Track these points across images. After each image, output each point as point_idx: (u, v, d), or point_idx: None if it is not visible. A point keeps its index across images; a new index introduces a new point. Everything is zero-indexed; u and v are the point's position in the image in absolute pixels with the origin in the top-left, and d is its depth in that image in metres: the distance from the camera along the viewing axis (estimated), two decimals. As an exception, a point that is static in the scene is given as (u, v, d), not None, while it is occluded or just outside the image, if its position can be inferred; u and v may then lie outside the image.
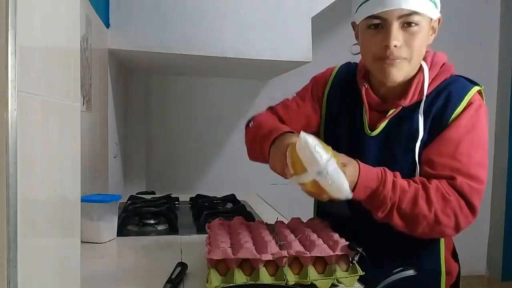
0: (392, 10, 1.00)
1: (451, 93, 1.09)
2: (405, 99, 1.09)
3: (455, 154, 1.03)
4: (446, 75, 1.13)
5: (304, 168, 0.93)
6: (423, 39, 1.04)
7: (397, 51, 1.02)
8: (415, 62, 1.07)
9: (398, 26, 1.01)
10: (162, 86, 3.21)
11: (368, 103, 1.15)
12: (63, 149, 0.70)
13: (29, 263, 0.56)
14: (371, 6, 1.02)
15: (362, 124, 1.15)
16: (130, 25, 1.99)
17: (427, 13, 1.02)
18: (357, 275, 0.95)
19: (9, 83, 0.50)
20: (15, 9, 0.50)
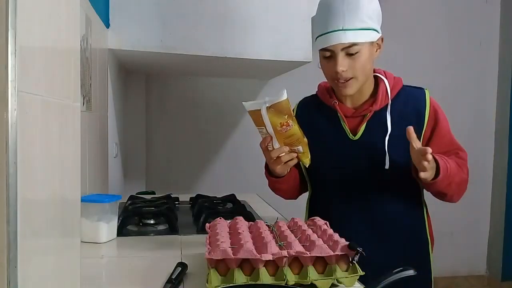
0: (336, 45, 1.27)
1: (415, 97, 1.38)
2: (376, 104, 1.36)
3: (452, 142, 1.39)
4: (400, 85, 1.41)
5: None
6: (365, 61, 1.30)
7: (345, 73, 1.29)
8: (361, 78, 1.32)
9: (343, 55, 1.28)
10: (162, 86, 3.21)
11: (344, 113, 1.39)
12: (63, 149, 0.70)
13: (29, 263, 0.56)
14: (322, 41, 1.29)
15: (344, 132, 1.39)
16: (130, 25, 1.99)
17: (364, 40, 1.27)
18: (357, 275, 0.95)
19: (9, 83, 0.50)
20: (15, 9, 0.51)
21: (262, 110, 1.19)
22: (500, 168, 3.48)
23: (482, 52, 3.52)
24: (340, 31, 1.26)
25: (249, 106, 1.22)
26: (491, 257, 3.60)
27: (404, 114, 1.35)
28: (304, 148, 1.25)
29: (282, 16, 2.19)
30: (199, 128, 3.26)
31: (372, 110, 1.35)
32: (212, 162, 3.31)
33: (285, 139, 1.22)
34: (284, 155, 1.25)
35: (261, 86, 3.28)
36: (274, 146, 1.24)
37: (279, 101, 1.17)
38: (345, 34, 1.25)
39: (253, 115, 1.23)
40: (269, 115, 1.19)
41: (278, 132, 1.21)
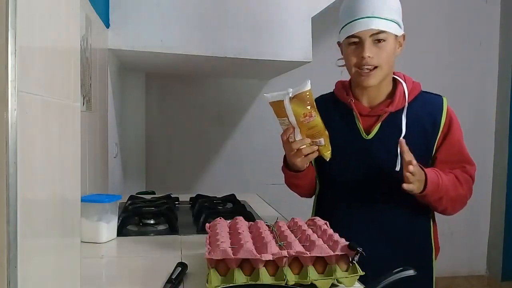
0: (365, 30, 1.30)
1: (432, 103, 1.40)
2: (392, 105, 1.37)
3: (461, 153, 1.40)
4: (418, 90, 1.43)
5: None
6: (390, 51, 1.33)
7: (370, 60, 1.31)
8: (385, 68, 1.34)
9: (370, 42, 1.31)
10: (161, 86, 3.21)
11: (359, 111, 1.40)
12: (63, 149, 0.70)
13: (29, 263, 0.56)
14: (350, 28, 1.32)
15: (357, 130, 1.39)
16: (130, 25, 1.99)
17: (391, 31, 1.31)
18: (357, 275, 0.95)
19: (9, 83, 0.50)
20: (15, 9, 0.51)
21: (285, 100, 1.18)
22: (500, 168, 3.48)
23: (482, 52, 3.52)
24: (371, 18, 1.29)
25: (271, 97, 1.22)
26: (491, 257, 3.60)
27: (420, 119, 1.37)
28: (325, 141, 1.25)
29: (282, 16, 2.19)
30: (199, 128, 3.26)
31: (388, 111, 1.37)
32: (212, 162, 3.31)
33: (307, 130, 1.22)
34: (305, 147, 1.25)
35: (261, 86, 3.28)
36: (295, 137, 1.24)
37: (303, 91, 1.18)
38: (374, 21, 1.29)
39: (274, 107, 1.22)
40: (292, 105, 1.19)
41: (301, 123, 1.21)
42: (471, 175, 1.40)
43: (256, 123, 3.23)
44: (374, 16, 1.30)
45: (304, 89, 1.18)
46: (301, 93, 1.18)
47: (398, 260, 1.29)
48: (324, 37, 3.17)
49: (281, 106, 1.20)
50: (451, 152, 1.38)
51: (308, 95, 1.18)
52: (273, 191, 2.73)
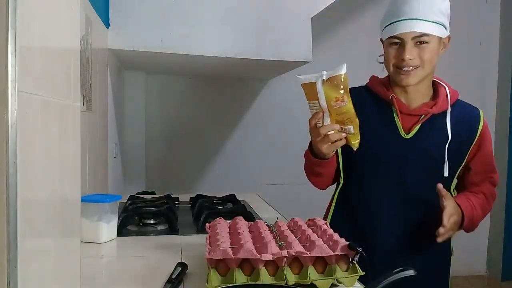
0: (407, 32, 1.28)
1: (471, 112, 1.41)
2: (436, 107, 1.36)
3: (491, 163, 1.46)
4: (457, 96, 1.43)
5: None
6: (432, 53, 1.31)
7: (411, 62, 1.30)
8: (427, 69, 1.32)
9: (412, 44, 1.29)
10: (162, 86, 3.21)
11: (399, 109, 1.37)
12: (63, 149, 0.70)
13: (29, 263, 0.56)
14: (393, 29, 1.31)
15: (396, 128, 1.37)
16: (130, 25, 1.99)
17: (435, 33, 1.30)
18: (357, 275, 0.95)
19: (9, 83, 0.50)
20: (15, 9, 0.50)
21: (318, 82, 1.14)
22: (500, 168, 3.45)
23: (482, 52, 3.52)
24: (415, 20, 1.27)
25: (304, 79, 1.18)
26: (491, 257, 3.60)
27: (457, 126, 1.36)
28: (355, 129, 1.19)
29: (282, 15, 2.19)
30: (199, 128, 3.26)
31: (431, 112, 1.35)
32: (212, 162, 3.31)
33: (337, 115, 1.17)
34: (334, 133, 1.19)
35: (261, 86, 3.28)
36: (324, 122, 1.19)
37: (338, 74, 1.13)
38: (418, 23, 1.27)
39: (306, 88, 1.18)
40: (324, 88, 1.14)
41: (332, 107, 1.16)
42: (496, 183, 1.48)
43: (256, 123, 3.23)
44: (418, 18, 1.28)
45: (339, 72, 1.13)
46: (336, 76, 1.13)
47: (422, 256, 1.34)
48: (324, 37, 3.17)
49: (313, 88, 1.15)
50: (484, 163, 1.42)
51: (343, 79, 1.14)
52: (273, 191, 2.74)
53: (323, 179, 1.44)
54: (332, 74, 1.14)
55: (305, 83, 1.18)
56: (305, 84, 1.18)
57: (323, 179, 1.44)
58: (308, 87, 1.17)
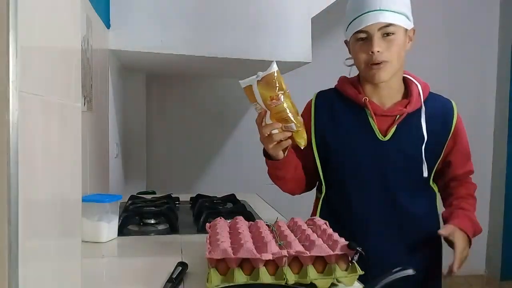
0: (373, 24, 1.26)
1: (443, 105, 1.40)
2: (410, 105, 1.34)
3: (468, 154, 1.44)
4: (428, 90, 1.40)
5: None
6: (400, 45, 1.29)
7: (380, 55, 1.27)
8: (395, 63, 1.30)
9: (379, 36, 1.27)
10: (162, 86, 3.21)
11: (374, 111, 1.34)
12: (64, 149, 0.70)
13: (30, 263, 0.56)
14: (357, 23, 1.28)
15: (372, 131, 1.35)
16: (131, 26, 1.99)
17: (401, 24, 1.28)
18: (356, 274, 0.95)
19: (10, 83, 0.50)
20: (16, 10, 0.51)
21: (253, 84, 1.14)
22: (499, 168, 3.48)
23: (482, 52, 3.52)
24: (377, 11, 1.26)
25: (243, 83, 1.17)
26: (490, 256, 3.60)
27: (433, 120, 1.35)
28: (298, 126, 1.17)
29: (282, 16, 2.19)
30: (199, 128, 3.27)
31: (406, 111, 1.33)
32: (212, 162, 3.31)
33: (276, 114, 1.15)
34: (277, 133, 1.18)
35: (261, 86, 3.28)
36: (266, 122, 1.19)
37: (269, 73, 1.13)
38: (382, 14, 1.26)
39: (246, 92, 1.18)
40: (259, 89, 1.14)
41: (269, 107, 1.15)
42: (473, 172, 1.47)
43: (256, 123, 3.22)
44: (382, 9, 1.26)
45: (271, 71, 1.13)
46: (268, 75, 1.13)
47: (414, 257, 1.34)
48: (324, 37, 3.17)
49: (251, 90, 1.16)
50: (463, 155, 1.41)
51: (276, 77, 1.13)
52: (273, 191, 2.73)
53: (287, 183, 1.39)
54: (264, 74, 1.14)
55: (245, 87, 1.17)
56: (245, 87, 1.17)
57: (287, 183, 1.40)
58: (247, 90, 1.17)
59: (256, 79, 1.15)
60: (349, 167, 1.36)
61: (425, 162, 1.33)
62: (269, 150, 1.23)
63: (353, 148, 1.35)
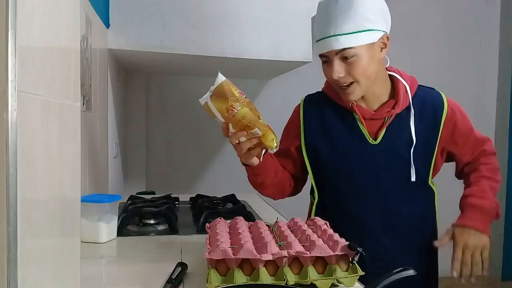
0: (329, 51, 1.23)
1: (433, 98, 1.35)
2: (398, 106, 1.30)
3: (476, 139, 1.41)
4: (416, 85, 1.36)
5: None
6: (364, 64, 1.23)
7: (343, 79, 1.25)
8: (364, 82, 1.26)
9: (338, 60, 1.23)
10: (162, 86, 3.21)
11: (362, 115, 1.32)
12: (63, 149, 0.70)
13: (29, 263, 0.56)
14: (318, 47, 1.27)
15: (362, 135, 1.32)
16: (130, 25, 1.99)
17: (360, 43, 1.21)
18: (357, 275, 0.95)
19: (9, 83, 0.50)
20: (15, 9, 0.50)
21: (208, 100, 1.12)
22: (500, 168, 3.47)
23: (482, 52, 3.52)
24: (332, 37, 1.21)
25: (202, 100, 1.14)
26: (491, 257, 3.59)
27: (423, 116, 1.32)
28: (263, 130, 1.14)
29: (282, 15, 2.19)
30: (199, 128, 3.26)
31: (394, 112, 1.30)
32: (212, 162, 3.31)
33: (237, 123, 1.12)
34: (245, 141, 1.16)
35: (261, 86, 3.28)
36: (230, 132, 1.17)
37: (217, 85, 1.10)
38: (337, 40, 1.21)
39: (206, 109, 1.15)
40: (213, 103, 1.11)
41: (227, 118, 1.12)
42: (491, 151, 1.46)
43: (256, 123, 3.22)
44: (337, 34, 1.21)
45: (218, 83, 1.10)
46: (217, 88, 1.10)
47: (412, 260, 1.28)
48: (324, 37, 3.16)
49: (208, 107, 1.13)
50: (467, 142, 1.38)
51: (225, 87, 1.09)
52: (273, 191, 2.73)
53: (266, 188, 1.38)
54: (214, 88, 1.11)
55: (203, 105, 1.14)
56: (204, 105, 1.14)
57: (267, 189, 1.39)
58: (206, 107, 1.14)
59: (209, 94, 1.12)
60: (342, 173, 1.34)
61: (414, 165, 1.30)
62: (242, 159, 1.24)
63: (344, 154, 1.33)
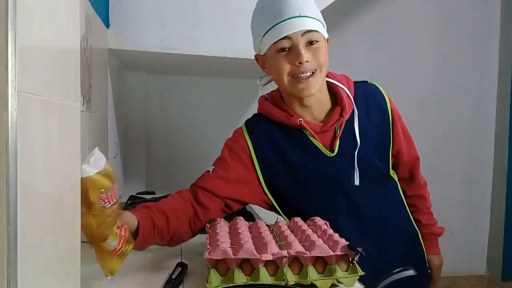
0: (296, 32, 1.14)
1: (371, 91, 1.31)
2: (345, 112, 1.24)
3: (411, 142, 1.38)
4: (352, 84, 1.31)
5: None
6: (325, 53, 1.19)
7: (308, 65, 1.16)
8: (324, 71, 1.21)
9: (303, 44, 1.15)
10: (162, 86, 3.20)
11: (313, 130, 1.25)
12: (63, 149, 0.70)
13: (29, 263, 0.56)
14: (277, 32, 1.15)
15: (317, 150, 1.25)
16: (130, 25, 1.99)
17: (322, 31, 1.19)
18: (357, 275, 0.95)
19: (9, 83, 0.50)
20: (15, 9, 0.50)
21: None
22: (500, 168, 3.47)
23: (482, 52, 3.51)
24: (299, 18, 1.13)
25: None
26: (491, 257, 3.59)
27: (370, 112, 1.28)
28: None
29: (282, 16, 2.19)
30: (199, 128, 3.26)
31: (344, 120, 1.25)
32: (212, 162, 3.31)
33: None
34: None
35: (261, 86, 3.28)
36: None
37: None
38: (304, 21, 1.14)
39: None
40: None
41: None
42: (419, 165, 1.42)
43: (256, 123, 3.22)
44: (302, 15, 1.14)
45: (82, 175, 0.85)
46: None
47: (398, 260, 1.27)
48: (324, 37, 3.16)
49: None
50: (407, 143, 1.35)
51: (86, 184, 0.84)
52: (273, 191, 2.73)
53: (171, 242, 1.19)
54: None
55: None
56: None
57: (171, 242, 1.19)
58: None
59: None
60: (305, 194, 1.28)
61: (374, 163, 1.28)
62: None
63: (305, 175, 1.26)
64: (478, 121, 3.51)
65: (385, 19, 3.27)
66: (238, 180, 1.27)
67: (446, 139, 3.38)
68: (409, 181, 1.41)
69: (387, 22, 3.27)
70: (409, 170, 1.39)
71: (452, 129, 3.35)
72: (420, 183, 1.43)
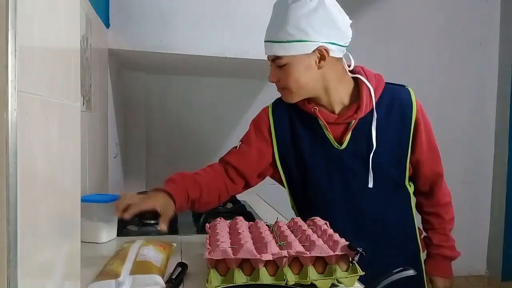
0: (268, 55, 1.29)
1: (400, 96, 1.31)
2: (360, 111, 1.27)
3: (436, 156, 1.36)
4: (383, 85, 1.32)
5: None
6: (297, 73, 1.24)
7: (278, 83, 1.30)
8: (296, 90, 1.27)
9: (274, 65, 1.27)
10: (162, 86, 3.20)
11: (326, 120, 1.30)
12: (63, 149, 0.70)
13: (29, 263, 0.56)
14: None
15: (328, 141, 1.31)
16: (130, 25, 1.99)
17: (291, 53, 1.22)
18: (357, 275, 0.95)
19: (9, 83, 0.50)
20: (15, 9, 0.50)
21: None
22: (500, 168, 3.47)
23: (482, 52, 3.51)
24: (268, 43, 1.27)
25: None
26: (491, 257, 3.60)
27: (390, 117, 1.29)
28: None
29: (282, 16, 2.18)
30: (199, 128, 3.26)
31: (357, 117, 1.28)
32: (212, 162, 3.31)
33: None
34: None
35: (261, 86, 3.27)
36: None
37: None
38: (272, 47, 1.25)
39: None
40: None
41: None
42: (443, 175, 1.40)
43: (256, 123, 3.21)
44: (270, 40, 1.25)
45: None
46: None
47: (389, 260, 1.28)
48: (324, 37, 3.16)
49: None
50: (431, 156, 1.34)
51: None
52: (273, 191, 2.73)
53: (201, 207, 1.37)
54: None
55: None
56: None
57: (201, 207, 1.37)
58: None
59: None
60: (311, 182, 1.33)
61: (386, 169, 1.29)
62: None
63: (313, 162, 1.31)
64: (478, 121, 3.51)
65: (385, 19, 3.27)
66: (260, 155, 1.37)
67: (446, 139, 3.37)
68: (428, 196, 1.40)
69: (387, 22, 3.27)
70: (429, 185, 1.39)
71: (452, 129, 3.35)
72: (439, 201, 1.41)
